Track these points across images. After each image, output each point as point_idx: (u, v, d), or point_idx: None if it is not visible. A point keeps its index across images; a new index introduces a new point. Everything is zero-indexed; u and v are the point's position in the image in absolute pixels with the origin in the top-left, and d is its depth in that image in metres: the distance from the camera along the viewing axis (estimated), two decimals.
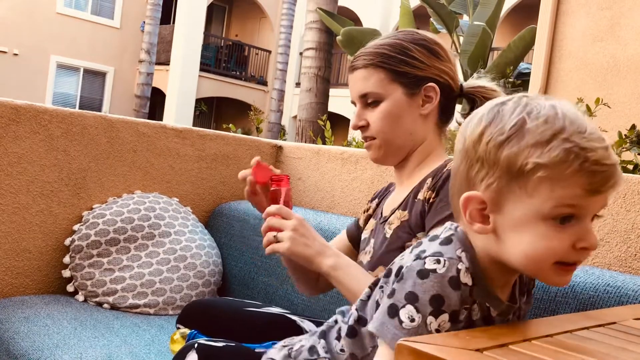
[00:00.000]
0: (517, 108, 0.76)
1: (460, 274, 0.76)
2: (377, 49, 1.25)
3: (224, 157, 2.41)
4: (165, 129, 2.26)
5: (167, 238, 2.07)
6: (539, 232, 0.74)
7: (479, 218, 0.78)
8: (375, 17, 15.38)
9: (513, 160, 0.73)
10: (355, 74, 1.27)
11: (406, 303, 0.75)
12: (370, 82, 1.24)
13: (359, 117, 1.28)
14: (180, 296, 1.99)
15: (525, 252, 0.75)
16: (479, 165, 0.77)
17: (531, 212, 0.74)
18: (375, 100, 1.25)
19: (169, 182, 2.27)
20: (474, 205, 0.78)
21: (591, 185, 0.72)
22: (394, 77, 1.24)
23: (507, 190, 0.75)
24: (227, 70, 17.91)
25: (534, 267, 0.76)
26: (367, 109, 1.27)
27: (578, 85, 3.72)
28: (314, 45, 7.96)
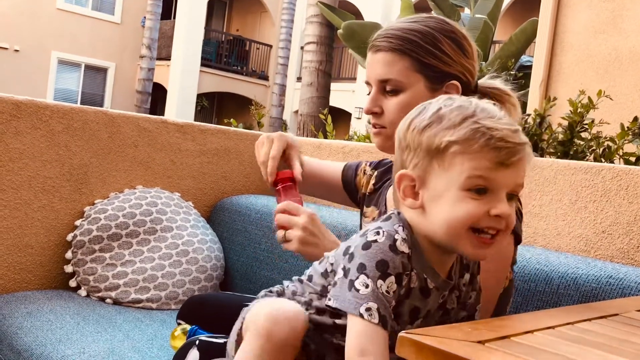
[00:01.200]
0: (439, 101, 0.90)
1: (397, 243, 0.86)
2: (406, 33, 1.16)
3: (225, 152, 2.40)
4: (167, 123, 2.26)
5: (169, 233, 2.07)
6: (456, 199, 0.85)
7: (411, 194, 0.90)
8: (377, 10, 15.33)
9: (431, 141, 0.86)
10: (377, 56, 1.18)
11: (358, 274, 0.85)
12: (394, 69, 1.16)
13: (374, 102, 1.20)
14: (183, 291, 1.99)
15: (444, 218, 0.86)
16: (407, 150, 0.90)
17: (449, 184, 0.86)
18: (395, 88, 1.17)
19: (171, 177, 2.27)
20: (406, 182, 0.90)
21: (497, 158, 0.83)
22: (419, 67, 1.16)
23: (429, 167, 0.88)
24: (228, 65, 17.90)
25: (452, 234, 0.86)
26: (383, 95, 1.19)
27: (580, 77, 3.71)
28: (315, 39, 7.95)
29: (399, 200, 0.93)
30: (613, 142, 2.02)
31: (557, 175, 1.60)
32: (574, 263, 1.32)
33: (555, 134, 2.20)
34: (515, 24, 9.87)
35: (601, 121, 2.16)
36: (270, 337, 0.90)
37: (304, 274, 1.03)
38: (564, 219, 1.59)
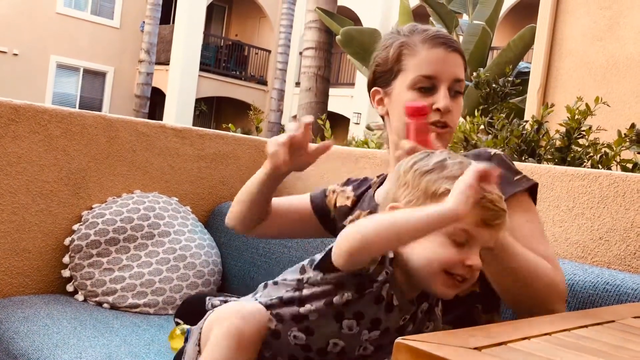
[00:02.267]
0: (443, 154, 0.98)
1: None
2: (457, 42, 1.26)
3: (223, 157, 2.41)
4: (165, 128, 2.26)
5: (166, 237, 2.07)
6: (439, 242, 0.93)
7: None
8: (375, 16, 15.37)
9: (430, 185, 0.93)
10: (454, 56, 1.22)
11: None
12: (462, 71, 1.23)
13: (450, 101, 1.21)
14: (180, 295, 1.99)
15: (425, 256, 0.93)
16: (404, 187, 0.96)
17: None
18: (460, 90, 1.23)
19: (169, 181, 2.27)
20: None
21: (484, 217, 0.92)
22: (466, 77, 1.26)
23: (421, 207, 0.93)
24: (227, 70, 17.91)
25: (427, 270, 0.93)
26: (450, 96, 1.21)
27: (577, 84, 3.72)
28: (313, 44, 7.96)
29: None
30: (610, 149, 2.03)
31: (555, 181, 1.61)
32: (570, 269, 1.32)
33: (552, 141, 2.20)
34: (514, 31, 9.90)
35: (598, 128, 2.17)
36: (241, 336, 0.91)
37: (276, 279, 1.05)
38: (561, 225, 1.59)
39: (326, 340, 0.95)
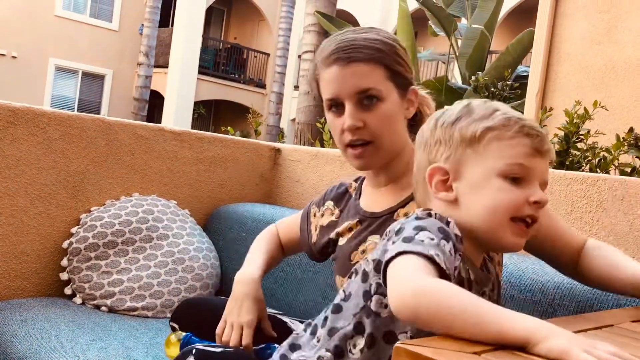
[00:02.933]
0: (460, 103, 0.93)
1: (450, 225, 0.84)
2: (373, 43, 1.16)
3: (222, 160, 2.41)
4: (164, 131, 2.26)
5: (165, 241, 2.06)
6: (495, 186, 0.85)
7: (443, 188, 0.90)
8: (374, 20, 15.39)
9: (464, 131, 0.88)
10: (350, 68, 1.14)
11: (418, 232, 0.80)
12: (372, 79, 1.14)
13: (356, 118, 1.14)
14: (178, 299, 1.98)
15: (484, 206, 0.86)
16: (437, 146, 0.90)
17: (487, 171, 0.86)
18: (375, 98, 1.14)
19: (167, 184, 2.27)
20: (438, 177, 0.90)
21: (532, 144, 0.86)
22: (391, 76, 1.16)
23: (463, 158, 0.88)
24: (225, 73, 17.92)
25: (492, 223, 0.85)
26: (362, 108, 1.15)
27: (576, 88, 3.72)
28: (312, 48, 7.96)
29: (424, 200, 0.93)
30: (609, 153, 2.03)
31: (553, 185, 1.61)
32: None
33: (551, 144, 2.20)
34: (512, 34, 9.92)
35: (597, 132, 2.17)
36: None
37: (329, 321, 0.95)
38: None
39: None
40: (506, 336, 0.63)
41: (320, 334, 0.94)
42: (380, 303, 0.86)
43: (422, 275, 0.72)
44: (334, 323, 0.92)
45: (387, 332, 0.86)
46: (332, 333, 0.91)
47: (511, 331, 0.63)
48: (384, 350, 0.86)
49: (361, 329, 0.88)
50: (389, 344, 0.85)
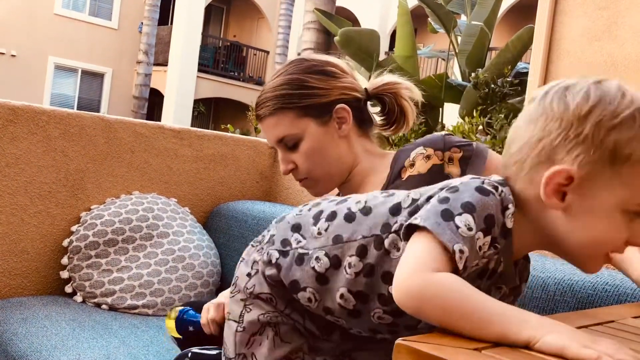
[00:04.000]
0: (624, 92, 0.75)
1: (507, 212, 0.76)
2: (275, 91, 1.24)
3: (222, 158, 2.40)
4: (163, 129, 2.26)
5: (165, 239, 2.06)
6: (615, 222, 0.74)
7: (555, 194, 0.75)
8: (373, 17, 15.38)
9: (620, 146, 0.71)
10: (265, 122, 1.26)
11: (462, 212, 0.73)
12: (282, 126, 1.23)
13: (286, 161, 1.26)
14: (179, 297, 1.99)
15: (595, 238, 0.75)
16: (575, 142, 0.73)
17: (616, 202, 0.73)
18: (294, 141, 1.24)
19: (167, 182, 2.27)
20: (559, 179, 0.74)
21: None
22: (302, 113, 1.23)
23: (600, 173, 0.73)
24: (225, 71, 17.91)
25: (590, 253, 0.77)
26: (289, 151, 1.26)
27: None
28: (312, 45, 7.96)
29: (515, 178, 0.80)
30: None
31: None
32: (570, 269, 1.32)
33: None
34: (512, 31, 9.91)
35: None
36: None
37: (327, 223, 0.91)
38: None
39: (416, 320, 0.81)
40: (509, 338, 0.63)
41: (322, 228, 0.89)
42: (394, 244, 0.82)
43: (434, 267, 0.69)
44: (341, 230, 0.87)
45: (386, 272, 0.82)
46: (336, 240, 0.87)
47: (514, 334, 0.63)
48: (377, 286, 0.83)
49: (363, 253, 0.84)
50: (385, 284, 0.83)
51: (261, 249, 0.97)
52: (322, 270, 0.87)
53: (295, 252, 0.91)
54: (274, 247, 0.95)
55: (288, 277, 0.90)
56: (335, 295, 0.86)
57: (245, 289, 0.96)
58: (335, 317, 0.89)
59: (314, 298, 0.88)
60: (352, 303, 0.85)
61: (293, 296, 0.91)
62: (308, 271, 0.88)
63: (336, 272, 0.86)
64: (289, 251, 0.92)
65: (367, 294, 0.84)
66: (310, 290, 0.88)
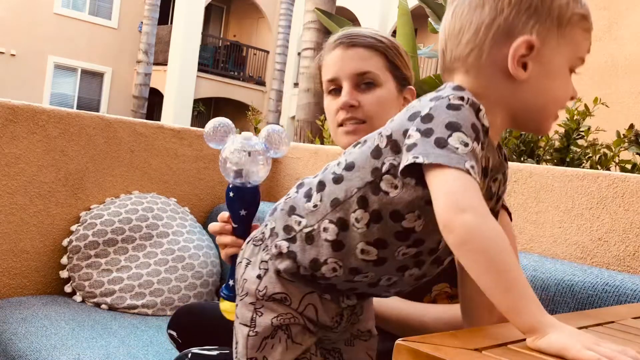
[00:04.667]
0: None
1: (480, 114, 0.78)
2: (375, 36, 1.22)
3: None
4: (163, 129, 2.25)
5: (165, 238, 2.06)
6: (565, 79, 0.83)
7: (519, 64, 0.81)
8: (374, 17, 15.37)
9: (563, 9, 0.81)
10: (352, 51, 1.20)
11: (451, 132, 0.74)
12: (371, 63, 1.20)
13: (352, 97, 1.19)
14: (179, 297, 1.98)
15: (553, 98, 0.83)
16: (527, 14, 0.81)
17: (565, 61, 0.83)
18: (372, 82, 1.20)
19: (167, 182, 2.27)
20: (522, 50, 0.80)
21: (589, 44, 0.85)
22: (390, 67, 1.22)
23: (551, 38, 0.81)
24: (225, 71, 17.92)
25: (549, 112, 0.84)
26: (358, 90, 1.20)
27: (576, 84, 3.71)
28: (312, 45, 7.95)
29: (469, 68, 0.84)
30: (609, 150, 2.03)
31: (554, 182, 1.61)
32: (570, 270, 1.32)
33: (551, 141, 2.20)
34: None
35: (597, 128, 2.17)
36: None
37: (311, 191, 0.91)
38: (560, 226, 1.59)
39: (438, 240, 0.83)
40: (516, 317, 0.65)
41: (316, 200, 0.89)
42: (390, 183, 0.82)
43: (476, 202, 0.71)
44: (335, 193, 0.88)
45: (394, 211, 0.83)
46: (335, 204, 0.87)
47: (521, 316, 0.64)
48: (390, 227, 0.83)
49: (365, 204, 0.84)
50: (396, 223, 0.83)
51: (266, 246, 0.95)
52: (333, 237, 0.87)
53: (302, 233, 0.90)
54: (279, 238, 0.93)
55: (305, 259, 0.89)
56: (356, 252, 0.86)
57: (256, 292, 0.93)
58: (363, 275, 0.88)
59: (338, 265, 0.87)
60: (375, 253, 0.85)
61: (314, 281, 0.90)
62: (322, 244, 0.88)
63: (347, 232, 0.86)
64: (295, 235, 0.91)
65: (383, 238, 0.84)
66: (331, 261, 0.87)
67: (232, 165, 1.09)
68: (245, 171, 1.09)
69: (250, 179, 1.10)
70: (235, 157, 1.09)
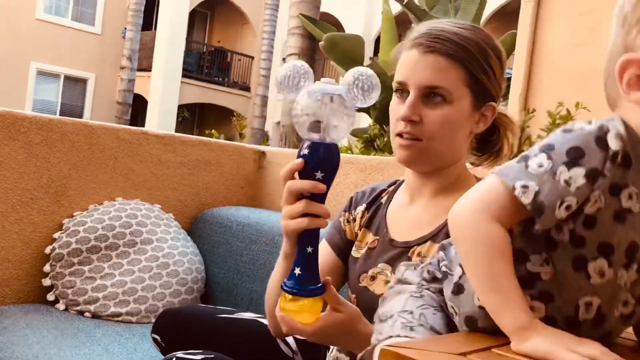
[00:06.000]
0: None
1: (607, 135, 0.65)
2: (461, 40, 1.05)
3: (206, 163, 2.39)
4: (147, 135, 2.24)
5: (149, 245, 2.05)
6: None
7: (638, 86, 0.67)
8: (358, 23, 15.43)
9: None
10: (428, 58, 1.04)
11: (539, 152, 0.66)
12: (447, 76, 1.04)
13: (414, 109, 1.04)
14: (163, 304, 1.97)
15: None
16: (638, 26, 0.67)
17: None
18: (442, 97, 1.04)
19: (151, 188, 2.25)
20: (635, 71, 0.68)
21: None
22: (470, 81, 1.05)
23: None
24: (209, 77, 17.87)
25: None
26: (424, 103, 1.05)
27: (558, 89, 3.75)
28: (296, 51, 7.96)
29: (614, 99, 0.74)
30: None
31: None
32: None
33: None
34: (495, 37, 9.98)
35: None
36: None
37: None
38: None
39: (574, 303, 0.68)
40: (499, 319, 0.65)
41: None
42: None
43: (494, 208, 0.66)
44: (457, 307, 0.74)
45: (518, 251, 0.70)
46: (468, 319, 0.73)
47: (504, 318, 0.64)
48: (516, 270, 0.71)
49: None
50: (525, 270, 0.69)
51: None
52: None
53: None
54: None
55: None
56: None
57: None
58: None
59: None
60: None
61: None
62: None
63: None
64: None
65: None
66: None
67: (308, 117, 0.89)
68: (326, 123, 0.89)
69: (330, 133, 0.90)
70: (314, 105, 0.88)
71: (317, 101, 0.88)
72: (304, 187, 0.93)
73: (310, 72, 0.92)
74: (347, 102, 0.90)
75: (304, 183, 0.92)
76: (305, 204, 0.93)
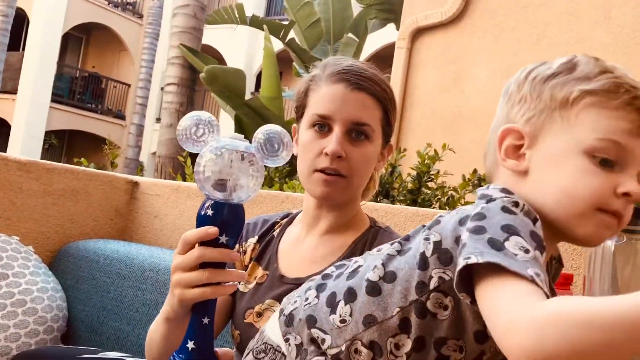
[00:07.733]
0: (565, 57, 0.74)
1: (537, 224, 0.66)
2: (381, 82, 1.08)
3: (73, 193, 2.25)
4: (7, 160, 2.08)
5: (3, 281, 1.88)
6: (578, 166, 0.67)
7: (513, 155, 0.73)
8: (240, 57, 15.52)
9: (557, 91, 0.70)
10: (356, 95, 1.05)
11: (508, 235, 0.62)
12: (371, 114, 1.06)
13: (342, 146, 1.04)
14: (17, 345, 1.80)
15: (562, 187, 0.68)
16: (521, 103, 0.73)
17: (572, 144, 0.68)
18: (365, 135, 1.06)
19: (9, 218, 2.08)
20: (511, 140, 0.73)
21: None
22: (384, 122, 1.09)
23: (548, 122, 0.70)
24: (82, 102, 17.07)
25: (572, 209, 0.67)
26: (348, 138, 1.06)
27: (427, 131, 3.98)
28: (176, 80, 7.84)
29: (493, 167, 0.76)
30: (456, 192, 2.18)
31: (407, 221, 1.69)
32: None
33: (405, 183, 2.33)
34: None
35: (445, 172, 2.33)
36: None
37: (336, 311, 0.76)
38: None
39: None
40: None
41: (345, 313, 0.74)
42: (440, 303, 0.68)
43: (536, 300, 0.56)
44: (369, 308, 0.72)
45: (438, 339, 0.69)
46: (368, 321, 0.72)
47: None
48: (431, 358, 0.70)
49: (407, 328, 0.70)
50: (437, 351, 0.69)
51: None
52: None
53: (327, 356, 0.74)
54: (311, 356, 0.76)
55: None
56: None
57: None
58: None
59: None
60: None
61: None
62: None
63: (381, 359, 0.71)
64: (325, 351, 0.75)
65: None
66: None
67: (213, 174, 0.82)
68: (232, 182, 0.83)
69: (236, 193, 0.83)
70: (220, 162, 0.82)
71: (226, 158, 0.82)
72: (214, 255, 0.85)
73: (216, 125, 0.85)
74: (258, 161, 0.85)
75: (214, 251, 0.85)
76: (209, 274, 0.85)
